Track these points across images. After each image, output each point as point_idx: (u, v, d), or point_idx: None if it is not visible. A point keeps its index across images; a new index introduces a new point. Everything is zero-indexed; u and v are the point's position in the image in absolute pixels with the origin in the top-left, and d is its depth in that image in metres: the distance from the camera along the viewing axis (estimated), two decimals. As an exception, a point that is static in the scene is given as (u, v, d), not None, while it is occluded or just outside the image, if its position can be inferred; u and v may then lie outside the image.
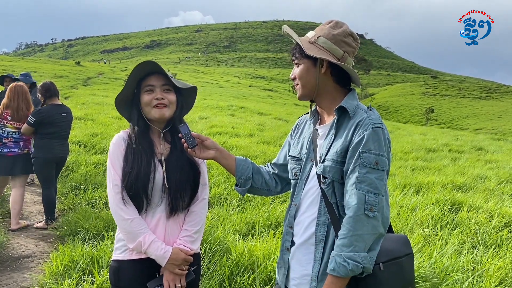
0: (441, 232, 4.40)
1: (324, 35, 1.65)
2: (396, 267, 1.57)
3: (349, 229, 1.48)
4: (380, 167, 1.52)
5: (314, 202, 1.65)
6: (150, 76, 1.86)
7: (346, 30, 1.65)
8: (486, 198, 6.02)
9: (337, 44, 1.63)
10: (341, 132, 1.61)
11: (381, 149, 1.53)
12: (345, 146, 1.56)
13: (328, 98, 1.70)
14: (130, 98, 1.91)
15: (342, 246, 1.48)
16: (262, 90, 60.27)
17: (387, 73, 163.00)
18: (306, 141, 1.78)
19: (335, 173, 1.57)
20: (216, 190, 5.54)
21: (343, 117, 1.63)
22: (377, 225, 1.49)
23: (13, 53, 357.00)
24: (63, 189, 5.79)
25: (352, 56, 1.67)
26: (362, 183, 1.50)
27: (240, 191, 1.91)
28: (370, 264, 1.47)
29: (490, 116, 54.71)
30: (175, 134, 1.89)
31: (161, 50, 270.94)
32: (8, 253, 4.13)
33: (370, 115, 1.58)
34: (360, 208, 1.48)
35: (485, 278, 3.41)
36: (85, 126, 10.66)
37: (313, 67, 1.66)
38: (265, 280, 3.20)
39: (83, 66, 58.61)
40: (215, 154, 1.85)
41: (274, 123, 15.32)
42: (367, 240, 1.48)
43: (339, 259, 1.46)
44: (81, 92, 22.47)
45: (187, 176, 1.87)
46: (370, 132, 1.53)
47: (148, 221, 1.84)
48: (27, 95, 4.97)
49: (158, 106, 1.83)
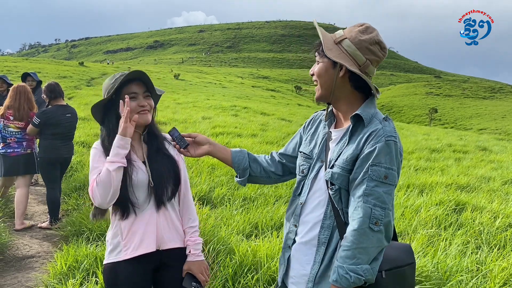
0: (445, 233, 4.39)
1: (350, 38, 1.59)
2: (398, 275, 1.57)
3: (353, 241, 1.47)
4: (389, 181, 1.50)
5: (321, 204, 1.65)
6: (131, 84, 1.91)
7: (374, 37, 1.58)
8: (490, 198, 6.00)
9: (361, 50, 1.57)
10: (353, 140, 1.58)
11: (392, 163, 1.50)
12: (355, 155, 1.54)
13: (345, 102, 1.66)
14: (104, 104, 1.93)
15: (345, 257, 1.47)
16: (265, 90, 60.21)
17: (390, 73, 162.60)
18: (320, 141, 1.75)
19: (342, 181, 1.57)
20: (219, 190, 5.55)
21: (358, 124, 1.60)
22: (381, 238, 1.49)
23: (17, 53, 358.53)
24: (67, 189, 5.80)
25: (375, 65, 1.62)
26: (370, 196, 1.48)
27: (240, 182, 1.96)
28: (372, 276, 1.48)
29: (494, 116, 54.46)
30: (152, 135, 2.00)
31: (164, 50, 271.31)
32: (12, 253, 4.15)
33: (384, 126, 1.54)
34: (365, 222, 1.47)
35: (489, 279, 3.40)
36: (88, 127, 10.69)
37: (332, 68, 1.61)
38: (268, 280, 3.21)
39: (86, 66, 58.79)
40: (208, 148, 1.92)
41: (277, 123, 15.29)
42: (371, 253, 1.48)
43: (342, 271, 1.47)
44: (84, 93, 22.54)
45: (168, 171, 1.95)
46: (383, 144, 1.50)
47: (138, 222, 1.89)
48: (29, 94, 4.99)
49: (142, 112, 1.90)
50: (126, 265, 1.87)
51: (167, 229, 1.94)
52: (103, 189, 1.74)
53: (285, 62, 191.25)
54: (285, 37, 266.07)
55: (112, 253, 1.91)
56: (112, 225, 1.94)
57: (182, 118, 13.58)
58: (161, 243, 1.92)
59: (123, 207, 1.87)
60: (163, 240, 1.92)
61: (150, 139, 2.00)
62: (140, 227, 1.88)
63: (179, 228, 2.00)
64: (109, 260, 1.91)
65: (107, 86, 1.92)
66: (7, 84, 6.57)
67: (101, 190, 1.75)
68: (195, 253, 1.99)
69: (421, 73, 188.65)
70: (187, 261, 1.99)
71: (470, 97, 76.51)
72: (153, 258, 1.91)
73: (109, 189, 1.75)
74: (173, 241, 1.96)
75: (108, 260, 1.92)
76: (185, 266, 1.98)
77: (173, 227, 1.97)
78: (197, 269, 1.98)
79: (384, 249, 1.54)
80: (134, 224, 1.88)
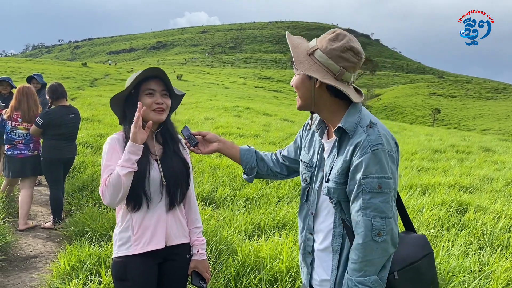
0: (448, 233, 4.38)
1: (321, 49, 1.55)
2: (412, 272, 1.58)
3: (358, 255, 1.48)
4: (384, 190, 1.47)
5: (330, 213, 1.67)
6: (150, 80, 1.94)
7: (345, 44, 1.53)
8: (493, 199, 5.99)
9: (334, 59, 1.52)
10: (341, 151, 1.57)
11: (384, 171, 1.46)
12: (346, 167, 1.53)
13: (328, 111, 1.63)
14: (123, 98, 1.97)
15: (353, 270, 1.50)
16: (267, 91, 60.23)
17: (393, 74, 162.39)
18: (317, 150, 1.75)
19: (339, 194, 1.56)
20: (221, 191, 5.55)
21: (343, 135, 1.58)
22: (387, 247, 1.48)
23: (20, 54, 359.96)
24: (70, 190, 5.82)
25: (352, 71, 1.56)
26: (367, 209, 1.47)
27: (247, 179, 2.02)
28: (381, 286, 1.49)
29: (497, 117, 54.28)
30: (166, 134, 2.04)
31: (167, 51, 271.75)
32: (16, 253, 4.17)
33: (369, 136, 1.49)
34: (367, 235, 1.47)
35: (492, 280, 3.39)
36: (91, 127, 10.72)
37: (308, 80, 1.59)
38: (271, 280, 3.21)
39: (89, 67, 58.90)
40: (218, 145, 1.97)
41: (280, 124, 15.29)
42: (378, 264, 1.49)
43: (351, 283, 1.49)
44: (87, 93, 22.57)
45: (181, 172, 2.01)
46: (369, 155, 1.46)
47: (149, 218, 1.94)
48: (35, 96, 5.05)
49: (157, 110, 1.93)
50: (135, 259, 1.92)
51: (175, 226, 2.02)
52: (112, 191, 1.80)
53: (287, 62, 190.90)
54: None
55: (121, 247, 1.95)
56: (122, 220, 1.97)
57: (185, 119, 13.60)
58: (169, 240, 1.99)
59: (136, 199, 1.90)
60: (170, 237, 2.00)
61: (166, 139, 2.04)
62: (151, 223, 1.94)
63: (184, 224, 2.08)
64: (118, 254, 1.95)
65: (129, 81, 1.95)
66: (11, 87, 6.54)
67: (111, 191, 1.80)
68: (202, 252, 2.10)
69: (424, 74, 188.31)
70: (194, 259, 2.09)
71: (473, 97, 76.32)
72: (160, 253, 1.98)
73: (119, 191, 1.80)
74: (179, 238, 2.04)
75: (118, 254, 1.95)
76: (191, 264, 2.09)
77: (179, 224, 2.05)
78: (203, 267, 2.10)
79: (392, 255, 1.54)
80: (145, 220, 1.93)
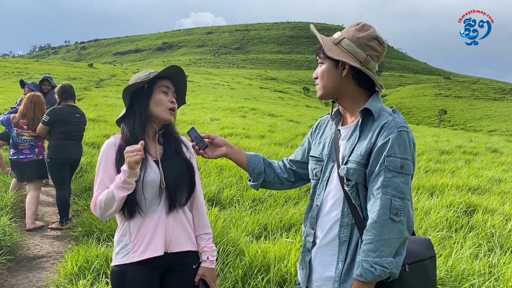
0: (456, 235, 4.34)
1: (348, 37, 1.64)
2: (420, 269, 1.57)
3: (375, 234, 1.47)
4: (405, 171, 1.51)
5: (337, 203, 1.65)
6: (165, 79, 1.93)
7: (372, 33, 1.63)
8: (501, 200, 5.93)
9: (361, 48, 1.61)
10: (365, 134, 1.60)
11: (406, 153, 1.52)
12: (369, 148, 1.56)
13: (350, 100, 1.69)
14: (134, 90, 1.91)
15: (368, 251, 1.47)
16: (273, 91, 60.19)
17: (399, 74, 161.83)
18: (328, 141, 1.77)
19: (359, 176, 1.57)
20: (228, 191, 5.55)
21: (367, 118, 1.62)
22: (403, 229, 1.48)
23: (27, 55, 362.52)
24: (77, 190, 5.84)
25: (376, 60, 1.65)
26: (388, 187, 1.49)
27: (253, 186, 1.97)
28: (396, 269, 1.47)
29: (504, 118, 53.95)
30: (169, 136, 1.99)
31: (172, 52, 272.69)
32: (23, 253, 4.18)
33: (395, 118, 1.57)
34: (385, 213, 1.47)
35: (501, 282, 3.36)
36: (98, 128, 10.77)
37: (335, 68, 1.65)
38: (279, 281, 3.19)
39: (95, 68, 59.22)
40: (226, 150, 1.93)
41: (285, 124, 15.27)
42: (393, 245, 1.47)
43: (366, 264, 1.46)
44: (93, 94, 22.70)
45: (183, 174, 1.92)
46: (395, 135, 1.52)
47: (147, 223, 1.84)
48: (43, 105, 5.15)
49: (171, 110, 1.91)
50: (133, 267, 1.82)
51: (177, 232, 1.89)
52: (104, 209, 1.76)
53: (293, 63, 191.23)
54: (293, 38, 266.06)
55: (119, 255, 1.86)
56: (120, 225, 1.90)
57: (191, 120, 13.62)
58: (170, 246, 1.87)
59: (129, 207, 1.81)
60: (172, 243, 1.87)
61: (167, 140, 1.98)
62: (149, 229, 1.83)
63: (189, 231, 1.95)
64: (116, 262, 1.86)
65: (140, 75, 1.91)
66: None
67: (103, 209, 1.76)
68: (212, 260, 1.99)
69: (430, 74, 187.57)
70: (203, 266, 1.97)
71: (480, 98, 75.88)
72: (161, 261, 1.86)
73: (111, 209, 1.76)
74: (182, 244, 1.91)
75: (115, 262, 1.86)
76: (200, 271, 1.96)
77: (183, 229, 1.92)
78: (211, 276, 1.98)
79: (406, 243, 1.54)
80: (143, 226, 1.83)
